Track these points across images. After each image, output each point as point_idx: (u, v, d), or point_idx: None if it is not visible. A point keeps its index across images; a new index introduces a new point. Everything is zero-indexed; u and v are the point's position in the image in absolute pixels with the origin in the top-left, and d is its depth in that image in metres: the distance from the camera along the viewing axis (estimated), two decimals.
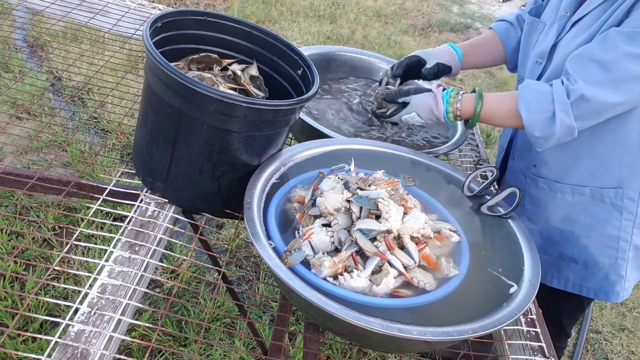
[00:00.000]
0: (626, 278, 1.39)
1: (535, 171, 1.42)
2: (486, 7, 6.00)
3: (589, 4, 1.27)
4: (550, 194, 1.40)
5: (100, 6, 1.88)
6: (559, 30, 1.33)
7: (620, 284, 1.39)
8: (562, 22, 1.33)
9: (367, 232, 1.00)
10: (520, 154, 1.47)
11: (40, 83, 2.80)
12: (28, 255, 2.12)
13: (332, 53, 1.76)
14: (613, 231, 1.35)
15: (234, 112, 1.01)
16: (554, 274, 1.44)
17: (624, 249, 1.36)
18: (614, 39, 1.15)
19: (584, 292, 1.43)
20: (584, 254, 1.40)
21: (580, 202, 1.36)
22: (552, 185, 1.39)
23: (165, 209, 1.16)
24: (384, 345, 1.05)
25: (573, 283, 1.43)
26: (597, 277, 1.40)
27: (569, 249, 1.41)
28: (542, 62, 1.37)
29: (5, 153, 2.29)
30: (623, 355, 2.34)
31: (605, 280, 1.40)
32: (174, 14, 1.17)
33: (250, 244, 1.73)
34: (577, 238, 1.39)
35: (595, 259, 1.39)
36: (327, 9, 4.98)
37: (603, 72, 1.16)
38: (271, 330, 1.98)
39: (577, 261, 1.41)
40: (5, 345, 1.69)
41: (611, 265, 1.38)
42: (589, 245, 1.38)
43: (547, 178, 1.40)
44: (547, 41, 1.36)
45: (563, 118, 1.19)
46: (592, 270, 1.40)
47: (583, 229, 1.38)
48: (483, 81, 4.37)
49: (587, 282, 1.42)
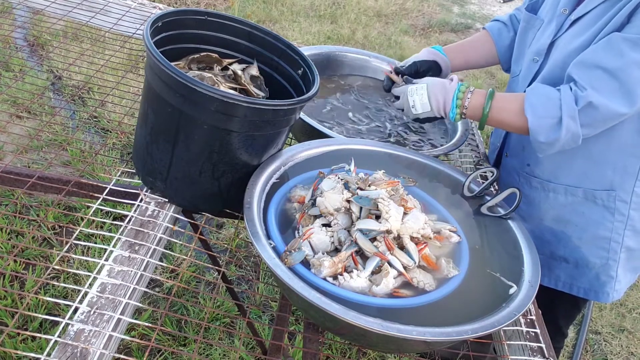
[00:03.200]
0: (617, 279, 1.39)
1: (529, 170, 1.42)
2: (487, 8, 6.00)
3: (589, 2, 1.26)
4: (543, 194, 1.40)
5: (100, 5, 1.88)
6: (557, 28, 1.33)
7: (610, 284, 1.39)
8: (560, 19, 1.32)
9: (367, 232, 1.00)
10: (513, 152, 1.47)
11: (40, 82, 2.80)
12: (28, 254, 2.12)
13: (332, 53, 1.76)
14: (605, 232, 1.35)
15: (234, 112, 1.01)
16: (544, 272, 1.44)
17: (615, 250, 1.36)
18: (619, 45, 1.14)
19: (574, 291, 1.44)
20: (575, 253, 1.40)
21: (572, 203, 1.36)
22: (545, 185, 1.39)
23: (165, 209, 1.16)
24: (383, 345, 1.05)
25: (564, 282, 1.44)
26: (588, 276, 1.40)
27: (561, 249, 1.41)
28: (539, 60, 1.36)
29: (6, 152, 2.29)
30: (622, 356, 2.34)
31: (596, 280, 1.40)
32: (174, 14, 1.17)
33: (250, 243, 1.73)
34: (569, 238, 1.40)
35: (586, 259, 1.39)
36: (327, 9, 4.98)
37: (612, 80, 1.15)
38: (271, 330, 1.98)
39: (568, 261, 1.41)
40: (4, 344, 1.69)
41: (602, 265, 1.38)
42: (581, 245, 1.39)
43: (540, 177, 1.40)
44: (544, 39, 1.35)
45: (570, 125, 1.18)
46: (583, 270, 1.40)
47: (575, 230, 1.38)
48: (483, 81, 4.36)
49: (577, 281, 1.42)
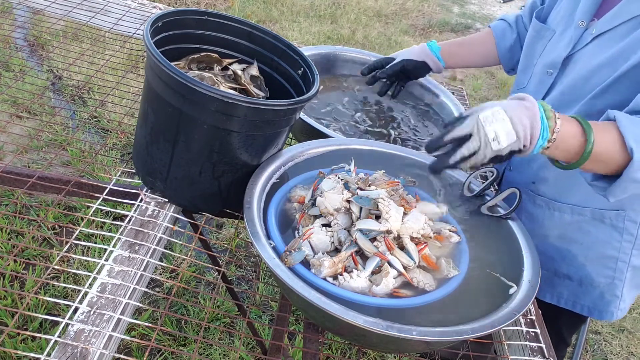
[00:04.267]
0: (622, 299, 1.35)
1: (534, 188, 1.37)
2: (487, 8, 6.00)
3: (615, 17, 1.17)
4: (547, 212, 1.36)
5: (100, 5, 1.88)
6: (575, 41, 1.26)
7: (615, 303, 1.35)
8: (577, 32, 1.25)
9: (367, 232, 1.00)
10: (518, 166, 1.42)
11: (40, 82, 2.80)
12: (28, 254, 2.12)
13: (332, 53, 1.76)
14: (612, 252, 1.31)
15: (234, 112, 1.01)
16: (547, 289, 1.40)
17: (621, 270, 1.32)
18: None
19: (577, 309, 1.39)
20: (579, 272, 1.35)
21: (578, 222, 1.32)
22: (550, 204, 1.35)
23: (165, 209, 1.16)
24: (383, 346, 1.05)
25: (566, 299, 1.40)
26: (592, 295, 1.36)
27: (564, 267, 1.37)
28: (553, 73, 1.30)
29: (6, 152, 2.29)
30: (622, 356, 2.34)
31: (600, 299, 1.36)
32: (174, 14, 1.17)
33: (250, 243, 1.73)
34: (574, 257, 1.35)
35: (591, 278, 1.35)
36: (327, 9, 4.98)
37: None
38: (271, 330, 1.98)
39: (572, 278, 1.37)
40: (4, 344, 1.69)
41: (607, 285, 1.34)
42: (586, 264, 1.34)
43: (545, 196, 1.35)
44: (558, 51, 1.29)
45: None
46: (587, 288, 1.36)
47: (580, 248, 1.34)
48: (483, 81, 4.36)
49: (581, 299, 1.38)
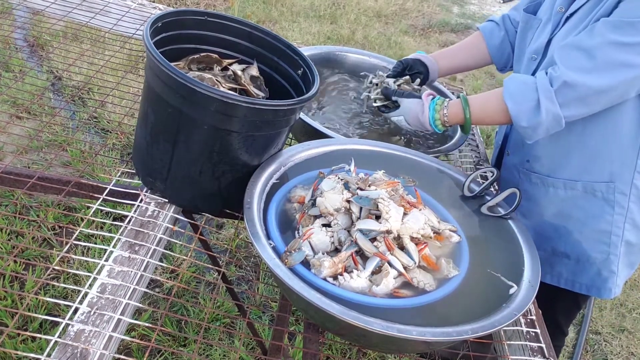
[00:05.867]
0: (618, 274, 1.40)
1: (529, 166, 1.43)
2: (486, 8, 6.00)
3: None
4: (543, 189, 1.41)
5: (100, 6, 1.88)
6: (554, 26, 1.35)
7: (612, 280, 1.40)
8: (557, 17, 1.34)
9: (367, 232, 1.00)
10: (514, 149, 1.48)
11: (40, 82, 2.80)
12: (28, 254, 2.12)
13: (332, 53, 1.76)
14: (605, 226, 1.36)
15: (234, 112, 1.01)
16: (546, 269, 1.44)
17: (615, 244, 1.37)
18: (600, 28, 1.17)
19: (576, 288, 1.44)
20: (576, 249, 1.40)
21: (572, 197, 1.37)
22: (544, 180, 1.40)
23: (165, 209, 1.16)
24: (383, 346, 1.05)
25: (566, 279, 1.44)
26: (589, 272, 1.41)
27: (562, 244, 1.42)
28: (537, 58, 1.38)
29: (6, 152, 2.29)
30: (623, 356, 2.34)
31: (598, 276, 1.40)
32: (174, 14, 1.17)
33: (250, 244, 1.73)
34: (570, 233, 1.40)
35: (588, 255, 1.39)
36: (327, 9, 4.98)
37: (587, 59, 1.17)
38: (271, 330, 1.98)
39: (569, 257, 1.42)
40: (4, 344, 1.69)
41: (603, 260, 1.38)
42: (582, 240, 1.39)
43: (539, 173, 1.41)
44: (542, 37, 1.37)
45: (548, 106, 1.20)
46: (584, 265, 1.41)
47: (576, 224, 1.39)
48: (483, 82, 4.37)
49: (579, 277, 1.43)
